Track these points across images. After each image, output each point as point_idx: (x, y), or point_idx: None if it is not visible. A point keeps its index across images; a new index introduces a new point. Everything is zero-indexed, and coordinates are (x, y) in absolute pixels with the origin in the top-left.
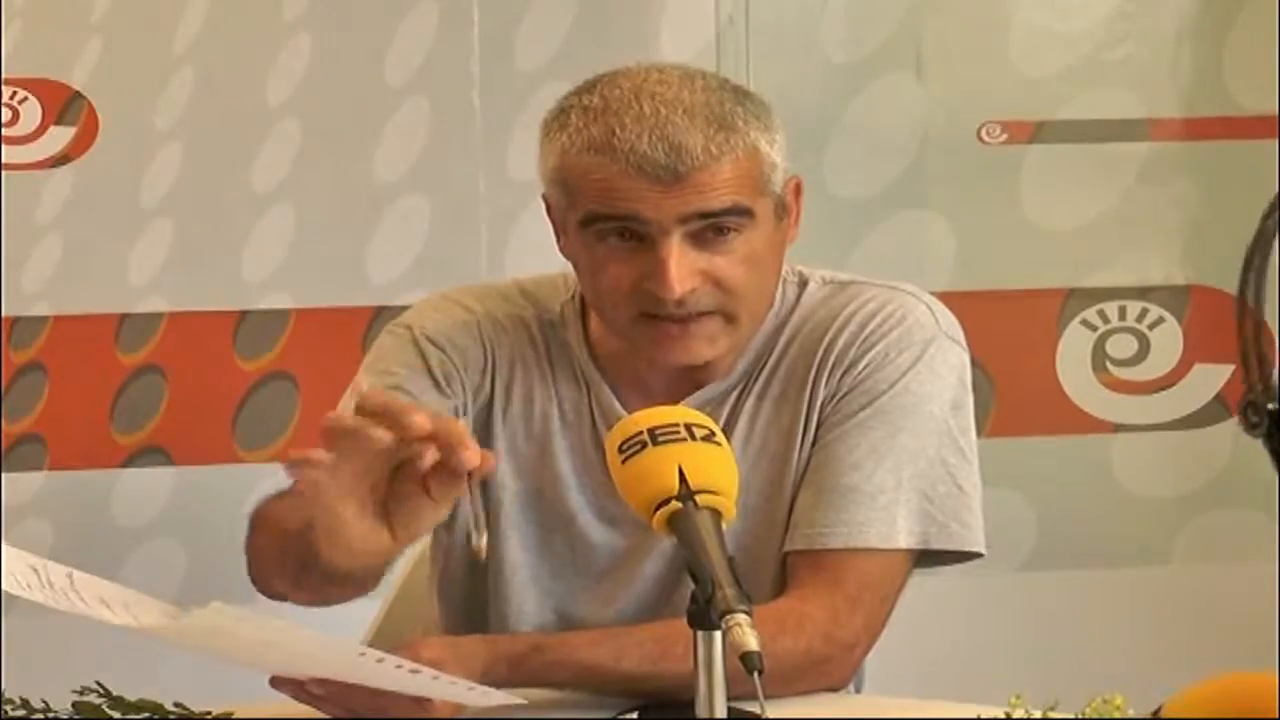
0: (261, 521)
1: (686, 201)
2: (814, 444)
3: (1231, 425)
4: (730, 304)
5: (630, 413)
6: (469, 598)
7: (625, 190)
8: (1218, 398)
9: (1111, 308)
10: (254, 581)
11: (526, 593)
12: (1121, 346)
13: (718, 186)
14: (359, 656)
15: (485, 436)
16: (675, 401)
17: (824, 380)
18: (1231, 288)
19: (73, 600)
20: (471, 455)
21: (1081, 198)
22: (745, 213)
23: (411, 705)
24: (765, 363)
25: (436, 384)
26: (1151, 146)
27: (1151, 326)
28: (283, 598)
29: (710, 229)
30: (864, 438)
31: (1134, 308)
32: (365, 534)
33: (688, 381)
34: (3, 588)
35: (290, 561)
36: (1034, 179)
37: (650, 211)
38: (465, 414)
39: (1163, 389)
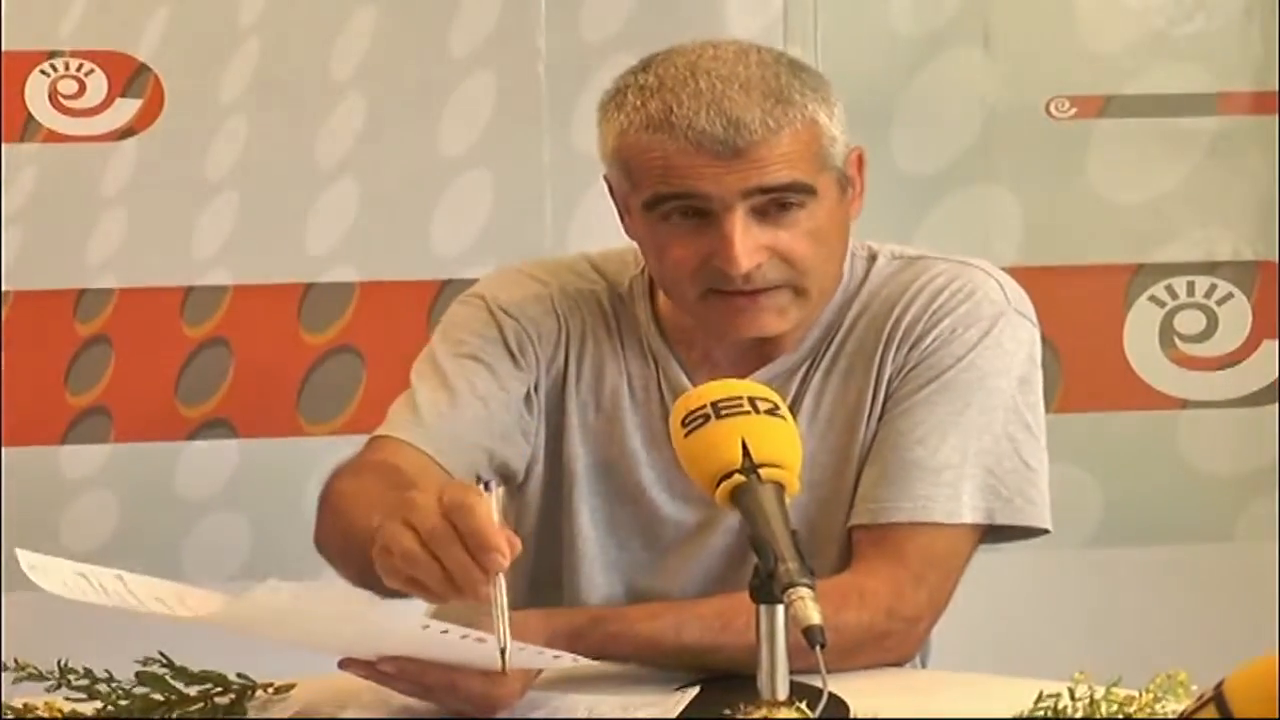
0: (331, 507)
1: (747, 176)
2: (880, 418)
3: None
4: (797, 278)
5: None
6: (536, 568)
7: (685, 168)
8: None
9: (1179, 283)
10: (320, 551)
11: (595, 564)
12: (1189, 322)
13: (777, 161)
14: (423, 630)
15: (558, 409)
16: (743, 376)
17: (891, 355)
18: None
19: (126, 600)
20: (497, 560)
21: (1149, 173)
22: (806, 189)
23: (482, 678)
24: (834, 337)
25: (511, 354)
26: (1220, 121)
27: (1220, 302)
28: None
29: (773, 204)
30: (930, 413)
31: (1202, 283)
32: None
33: (756, 356)
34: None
35: (354, 561)
36: (1102, 154)
37: (711, 187)
38: (538, 386)
39: (1230, 365)
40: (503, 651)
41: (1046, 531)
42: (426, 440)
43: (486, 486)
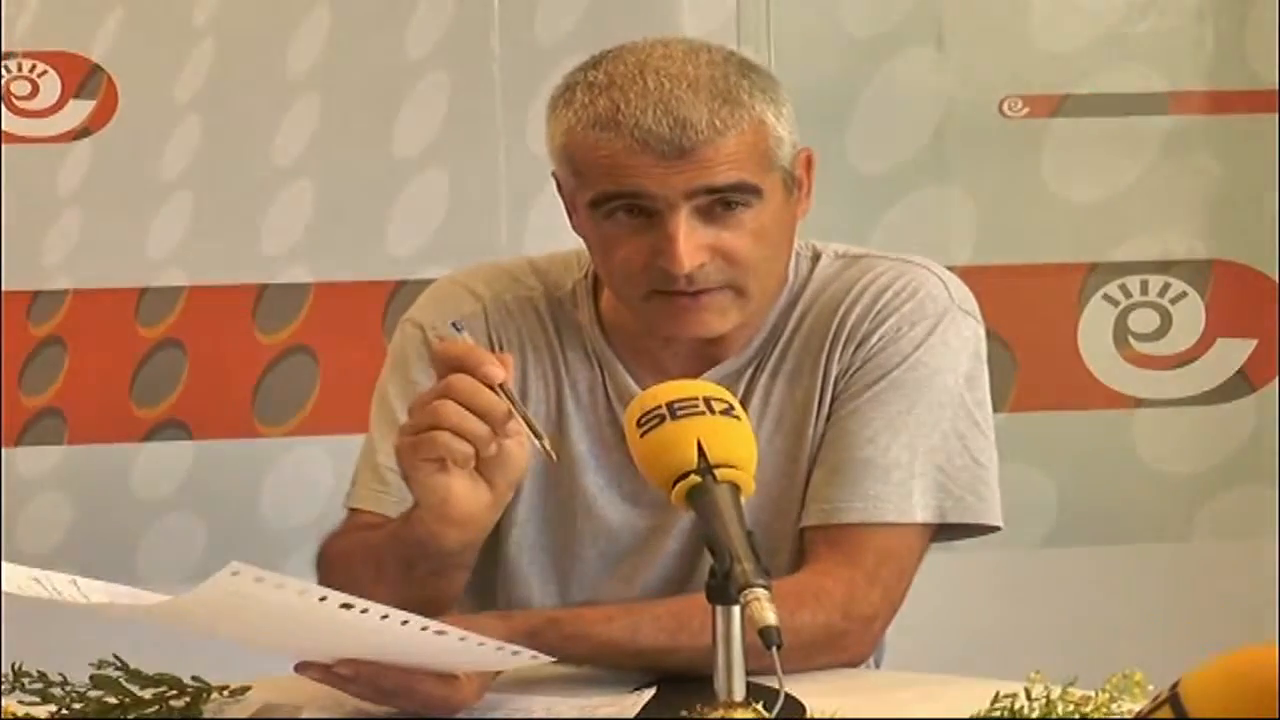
0: (340, 553)
1: (693, 177)
2: (828, 419)
3: (1254, 400)
4: (739, 278)
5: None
6: (487, 579)
7: (631, 166)
8: (1240, 372)
9: (1133, 282)
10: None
11: (547, 574)
12: (1143, 321)
13: (723, 161)
14: (381, 620)
15: None
16: (691, 379)
17: (837, 355)
18: (1254, 261)
19: (79, 601)
20: (493, 370)
21: (1103, 172)
22: (751, 190)
23: (439, 682)
24: (779, 338)
25: None
26: (1173, 120)
27: (1173, 301)
28: None
29: (718, 203)
30: (879, 412)
31: (1156, 282)
32: (466, 496)
33: (702, 358)
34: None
35: (391, 566)
36: (1056, 153)
37: (656, 187)
38: None
39: (1184, 364)
40: (540, 439)
41: (998, 529)
42: (396, 506)
43: (456, 328)
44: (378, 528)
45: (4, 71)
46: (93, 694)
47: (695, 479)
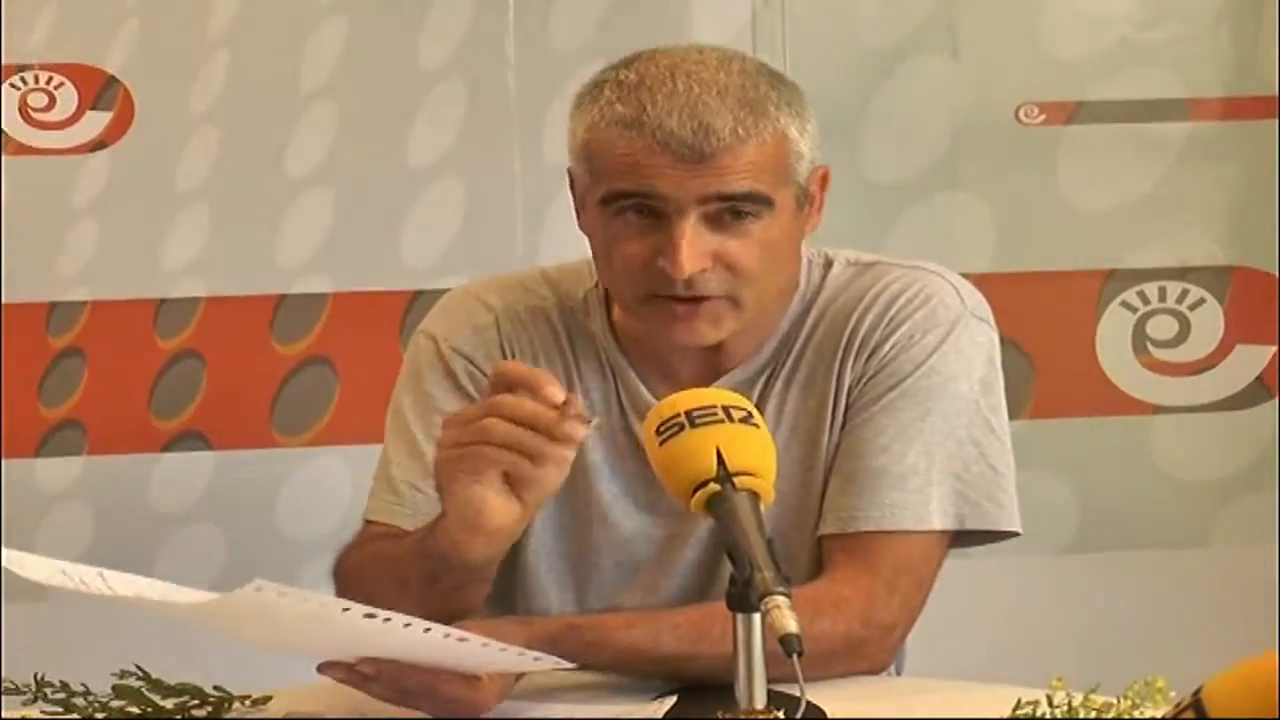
0: (355, 565)
1: (708, 182)
2: (843, 427)
3: (1273, 406)
4: (738, 288)
5: (658, 399)
6: (499, 590)
7: (648, 166)
8: (1259, 379)
9: (1151, 289)
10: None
11: (565, 582)
12: (1162, 328)
13: (740, 170)
14: (404, 628)
15: None
16: (702, 386)
17: (850, 363)
18: (1273, 268)
19: (105, 593)
20: (553, 391)
21: (1120, 179)
22: (764, 201)
23: (461, 682)
24: (792, 346)
25: (469, 398)
26: (1190, 127)
27: (1192, 307)
28: None
29: (728, 211)
30: (893, 420)
31: (1174, 288)
32: (499, 509)
33: (713, 366)
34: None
35: (415, 580)
36: (1072, 160)
37: (669, 189)
38: None
39: (1203, 370)
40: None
41: (1016, 534)
42: (410, 519)
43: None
44: (392, 539)
45: (21, 84)
46: (115, 704)
47: (715, 487)
